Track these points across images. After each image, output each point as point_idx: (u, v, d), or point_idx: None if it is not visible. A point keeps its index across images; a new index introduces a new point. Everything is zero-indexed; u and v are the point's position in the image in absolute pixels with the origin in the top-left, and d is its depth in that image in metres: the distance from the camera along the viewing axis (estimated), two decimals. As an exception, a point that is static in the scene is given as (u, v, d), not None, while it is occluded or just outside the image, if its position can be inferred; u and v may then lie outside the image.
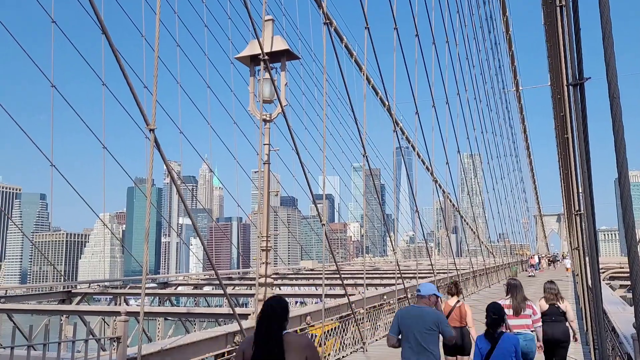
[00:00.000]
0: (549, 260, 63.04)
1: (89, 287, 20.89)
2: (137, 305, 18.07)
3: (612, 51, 3.36)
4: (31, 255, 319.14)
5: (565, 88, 11.44)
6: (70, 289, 19.72)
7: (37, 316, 17.36)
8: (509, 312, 7.65)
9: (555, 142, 33.19)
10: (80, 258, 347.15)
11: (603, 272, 31.69)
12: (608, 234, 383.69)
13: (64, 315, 16.73)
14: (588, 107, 5.89)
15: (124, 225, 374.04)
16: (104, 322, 18.16)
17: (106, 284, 22.23)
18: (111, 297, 21.09)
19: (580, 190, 10.60)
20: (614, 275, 32.92)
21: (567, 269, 41.91)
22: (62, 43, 17.51)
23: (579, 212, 11.38)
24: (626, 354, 7.26)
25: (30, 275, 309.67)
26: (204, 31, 23.36)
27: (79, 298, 19.19)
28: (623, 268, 32.73)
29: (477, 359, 6.36)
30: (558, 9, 11.12)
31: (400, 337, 6.23)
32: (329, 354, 11.61)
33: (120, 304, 19.96)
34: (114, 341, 6.13)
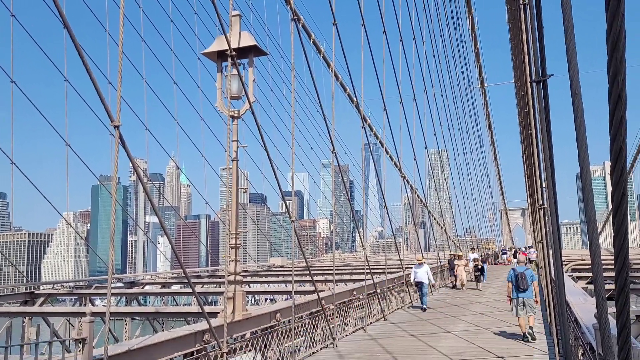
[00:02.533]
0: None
1: (53, 287, 20.41)
2: (103, 305, 17.75)
3: (574, 49, 3.44)
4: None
5: (529, 85, 11.69)
6: (33, 290, 19.22)
7: (-1, 319, 16.88)
8: None
9: (519, 138, 33.92)
10: (43, 258, 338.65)
11: (565, 265, 32.55)
12: (570, 227, 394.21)
13: (27, 317, 16.33)
14: (551, 104, 6.03)
15: (89, 224, 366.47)
16: (69, 323, 17.79)
17: (71, 284, 21.77)
18: (76, 297, 20.67)
19: (543, 185, 10.86)
20: (576, 267, 33.80)
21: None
22: (22, 38, 17.04)
23: (542, 206, 11.65)
24: (588, 343, 7.47)
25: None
26: (169, 26, 23.05)
27: (42, 299, 18.73)
28: (584, 260, 33.66)
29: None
30: (521, 7, 11.35)
31: None
32: (298, 350, 11.63)
33: (85, 305, 19.58)
34: (79, 342, 6.01)
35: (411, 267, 20.77)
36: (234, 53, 9.12)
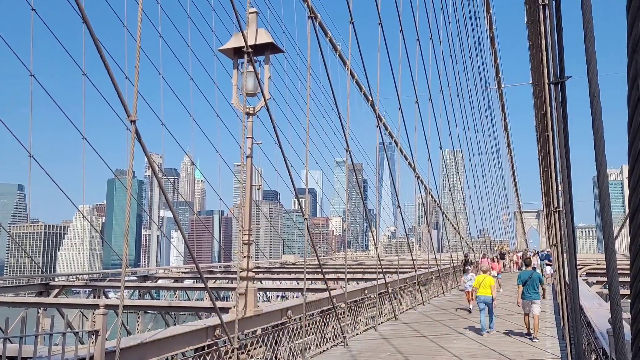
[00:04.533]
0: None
1: (68, 279, 20.65)
2: (117, 298, 17.91)
3: (593, 51, 3.40)
4: (8, 247, 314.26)
5: (547, 86, 11.57)
6: (48, 282, 19.48)
7: (14, 309, 17.13)
8: None
9: (535, 139, 33.61)
10: (58, 250, 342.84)
11: (580, 269, 32.22)
12: (586, 231, 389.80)
13: (42, 308, 16.54)
14: (568, 106, 5.97)
15: (104, 218, 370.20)
16: (83, 315, 17.99)
17: (85, 276, 22.01)
18: (90, 289, 20.91)
19: (559, 188, 10.74)
20: (591, 271, 33.40)
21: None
22: (42, 32, 17.24)
23: (557, 209, 11.54)
24: (601, 348, 7.39)
25: (7, 267, 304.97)
26: (187, 23, 23.17)
27: (57, 291, 18.97)
28: (600, 264, 33.25)
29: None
30: (541, 8, 11.21)
31: None
32: (309, 348, 11.64)
33: (99, 297, 19.79)
34: (93, 334, 6.07)
35: (424, 268, 20.55)
36: (250, 50, 9.14)
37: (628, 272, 2.21)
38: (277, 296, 25.65)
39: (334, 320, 12.73)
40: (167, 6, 22.21)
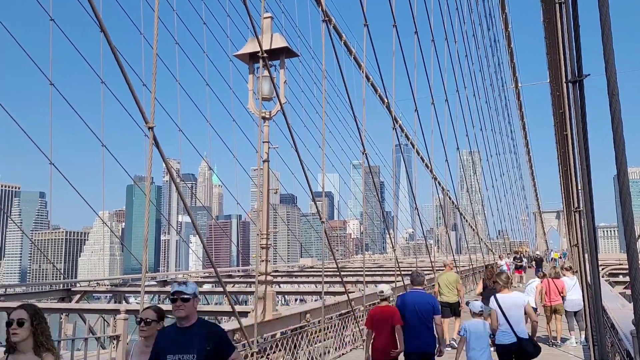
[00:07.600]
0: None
1: (89, 285, 20.90)
2: (137, 303, 18.08)
3: (611, 48, 3.36)
4: (30, 254, 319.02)
5: (565, 85, 11.43)
6: (69, 287, 19.73)
7: (37, 314, 17.34)
8: None
9: (554, 139, 33.21)
10: (79, 256, 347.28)
11: (602, 269, 31.71)
12: (607, 231, 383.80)
13: (64, 314, 16.76)
14: (587, 104, 5.89)
15: (124, 223, 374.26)
16: (104, 320, 18.17)
17: (106, 282, 22.24)
18: (111, 295, 21.11)
19: (579, 187, 10.60)
20: (613, 272, 32.86)
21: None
22: (60, 41, 17.51)
23: (578, 209, 11.38)
24: (625, 350, 7.27)
25: (29, 273, 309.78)
26: (202, 29, 23.36)
27: (78, 296, 19.21)
28: (622, 265, 32.72)
29: None
30: (557, 6, 11.10)
31: None
32: (328, 351, 11.63)
33: (120, 302, 19.98)
34: (114, 339, 6.14)
35: (442, 270, 19.72)
36: (265, 55, 9.19)
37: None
38: (296, 300, 25.65)
39: (353, 324, 12.70)
40: (182, 13, 22.43)
